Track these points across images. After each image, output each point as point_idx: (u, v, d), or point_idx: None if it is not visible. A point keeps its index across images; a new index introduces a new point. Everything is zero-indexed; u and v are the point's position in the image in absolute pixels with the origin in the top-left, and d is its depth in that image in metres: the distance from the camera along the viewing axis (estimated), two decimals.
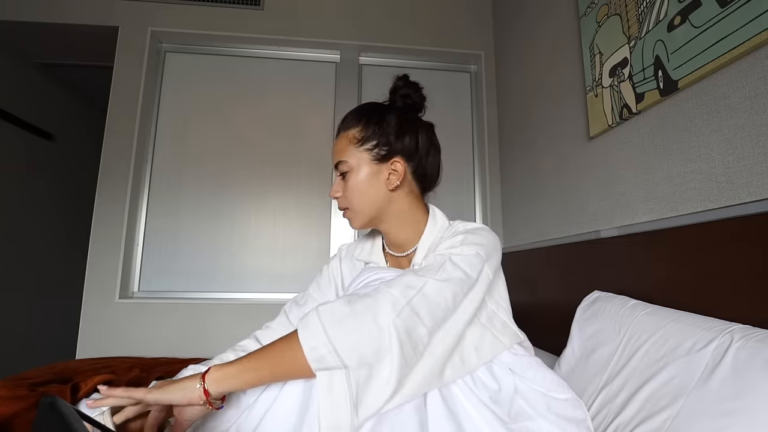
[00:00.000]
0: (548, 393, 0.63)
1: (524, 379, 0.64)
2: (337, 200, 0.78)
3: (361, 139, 0.74)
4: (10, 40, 2.01)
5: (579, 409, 0.64)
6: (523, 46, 1.77)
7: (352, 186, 0.74)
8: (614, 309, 0.87)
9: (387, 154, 0.74)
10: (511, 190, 1.88)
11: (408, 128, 0.77)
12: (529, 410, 0.60)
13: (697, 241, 0.81)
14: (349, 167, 0.74)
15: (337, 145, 0.77)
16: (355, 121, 0.76)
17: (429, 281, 0.59)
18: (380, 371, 0.52)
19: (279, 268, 1.88)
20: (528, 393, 0.62)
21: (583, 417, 0.64)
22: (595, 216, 1.21)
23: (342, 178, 0.76)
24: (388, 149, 0.74)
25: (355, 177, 0.74)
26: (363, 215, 0.76)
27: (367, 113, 0.77)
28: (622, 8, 1.08)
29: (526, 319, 1.51)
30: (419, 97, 0.80)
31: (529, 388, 0.63)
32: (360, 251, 0.85)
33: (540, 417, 0.59)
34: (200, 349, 1.70)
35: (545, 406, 0.61)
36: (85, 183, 2.68)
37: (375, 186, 0.74)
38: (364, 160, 0.74)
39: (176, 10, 1.92)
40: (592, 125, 1.20)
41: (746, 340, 0.57)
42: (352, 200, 0.75)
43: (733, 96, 0.78)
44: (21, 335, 2.27)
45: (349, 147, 0.75)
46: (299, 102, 2.01)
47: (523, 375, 0.64)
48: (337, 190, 0.77)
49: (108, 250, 1.73)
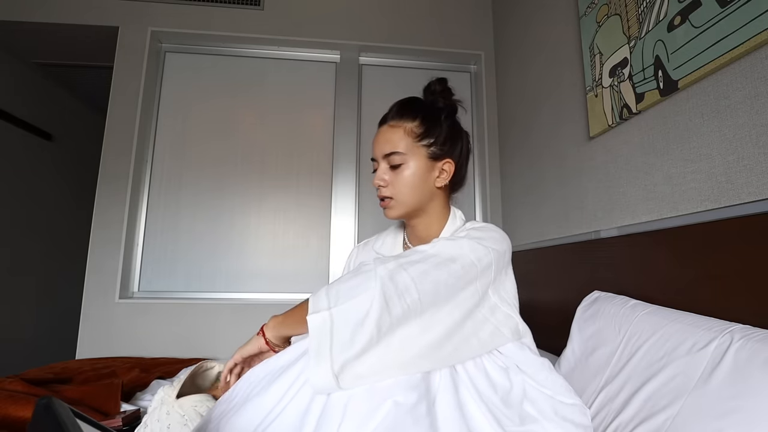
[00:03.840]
0: (555, 396, 0.64)
1: (534, 381, 0.64)
2: (380, 188, 0.78)
3: (420, 134, 0.75)
4: (10, 40, 2.01)
5: (585, 416, 0.65)
6: (523, 46, 1.77)
7: (404, 178, 0.75)
8: (614, 309, 0.87)
9: (442, 153, 0.77)
10: (511, 189, 1.88)
11: (459, 133, 0.80)
12: (535, 414, 0.60)
13: (697, 241, 0.81)
14: (404, 160, 0.75)
15: (387, 135, 0.77)
16: (411, 114, 0.76)
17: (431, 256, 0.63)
18: (360, 304, 0.55)
19: (279, 268, 1.88)
20: (536, 396, 0.62)
21: (588, 424, 0.65)
22: (595, 216, 1.21)
23: (391, 168, 0.76)
24: (443, 149, 0.77)
25: (409, 170, 0.75)
26: (406, 206, 0.77)
27: (423, 109, 0.78)
28: (622, 8, 1.08)
29: (526, 319, 1.51)
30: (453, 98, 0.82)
31: (538, 391, 0.63)
32: (381, 244, 0.88)
33: (546, 420, 0.60)
34: (200, 349, 1.70)
35: (552, 409, 0.62)
36: (85, 183, 2.68)
37: (425, 182, 0.76)
38: (420, 155, 0.76)
39: (176, 10, 1.92)
40: (592, 125, 1.20)
41: (746, 341, 0.57)
42: (399, 191, 0.76)
43: (733, 96, 0.78)
44: (21, 335, 2.27)
45: (406, 139, 0.75)
46: (299, 102, 2.01)
47: (534, 377, 0.64)
48: (384, 179, 0.77)
49: (108, 250, 1.73)
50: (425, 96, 0.82)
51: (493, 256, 0.67)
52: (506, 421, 0.57)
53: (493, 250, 0.67)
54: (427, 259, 0.62)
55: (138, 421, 0.89)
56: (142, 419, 0.72)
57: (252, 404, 0.57)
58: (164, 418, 0.69)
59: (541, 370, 0.66)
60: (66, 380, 1.14)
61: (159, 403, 0.72)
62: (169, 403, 0.71)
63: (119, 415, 0.89)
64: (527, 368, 0.65)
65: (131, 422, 0.88)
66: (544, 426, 0.59)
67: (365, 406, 0.51)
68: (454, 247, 0.65)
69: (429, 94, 0.82)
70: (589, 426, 0.64)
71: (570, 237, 1.31)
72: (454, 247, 0.65)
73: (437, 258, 0.63)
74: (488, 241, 0.68)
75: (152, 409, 0.71)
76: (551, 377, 0.66)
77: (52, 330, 2.51)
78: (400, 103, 0.79)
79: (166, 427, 0.68)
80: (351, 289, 0.57)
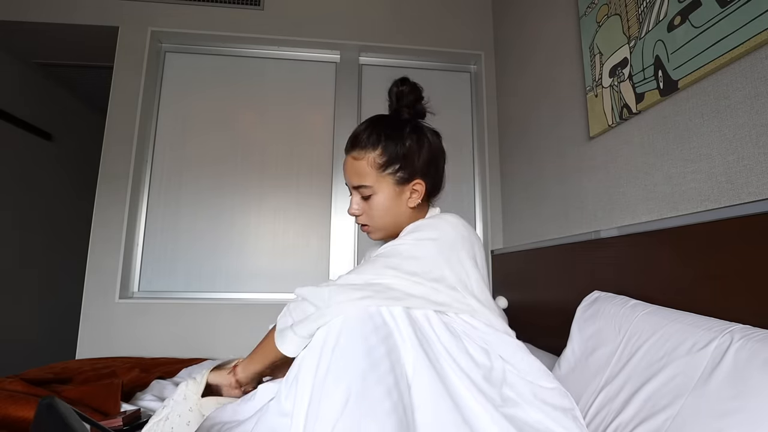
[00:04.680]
0: (535, 382, 0.64)
1: (512, 366, 0.64)
2: (357, 218, 0.81)
3: (383, 164, 0.75)
4: (10, 40, 2.01)
5: (566, 399, 0.65)
6: (523, 46, 1.77)
7: (375, 207, 0.77)
8: (614, 309, 0.87)
9: (409, 176, 0.77)
10: (511, 190, 1.88)
11: (423, 146, 0.78)
12: (515, 397, 0.60)
13: (697, 241, 0.81)
14: (372, 191, 0.76)
15: (354, 167, 0.77)
16: (372, 143, 0.76)
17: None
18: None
19: (279, 268, 1.88)
20: (514, 381, 0.62)
21: (571, 406, 0.64)
22: (595, 216, 1.21)
23: (362, 198, 0.78)
24: (409, 172, 0.76)
25: (378, 199, 0.77)
26: (384, 230, 0.80)
27: (384, 133, 0.76)
28: (622, 8, 1.08)
29: (527, 319, 1.51)
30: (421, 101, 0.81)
31: (516, 376, 0.63)
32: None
33: (527, 404, 0.60)
34: (200, 349, 1.70)
35: (531, 393, 0.62)
36: (85, 183, 2.68)
37: (397, 205, 0.78)
38: (386, 183, 0.76)
39: (176, 10, 1.92)
40: (592, 125, 1.20)
41: (746, 341, 0.57)
42: (374, 219, 0.79)
43: (733, 96, 0.78)
44: (21, 335, 2.27)
45: (370, 171, 0.75)
46: (299, 102, 2.01)
47: (511, 360, 0.64)
48: (358, 209, 0.79)
49: (108, 250, 1.73)
50: (390, 103, 0.81)
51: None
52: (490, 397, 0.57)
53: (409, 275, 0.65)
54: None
55: (138, 420, 0.89)
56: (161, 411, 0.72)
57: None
58: (186, 414, 0.70)
59: (516, 351, 0.66)
60: (66, 380, 1.14)
61: (182, 398, 0.72)
62: (192, 399, 0.72)
63: (119, 415, 0.89)
64: (504, 352, 0.65)
65: (131, 422, 0.88)
66: (524, 409, 0.59)
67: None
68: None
69: (394, 101, 0.80)
70: (570, 408, 0.64)
71: (570, 237, 1.31)
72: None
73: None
74: (406, 260, 0.67)
75: (175, 403, 0.71)
76: (527, 359, 0.66)
77: (52, 330, 2.51)
78: (357, 133, 0.78)
79: (185, 424, 0.69)
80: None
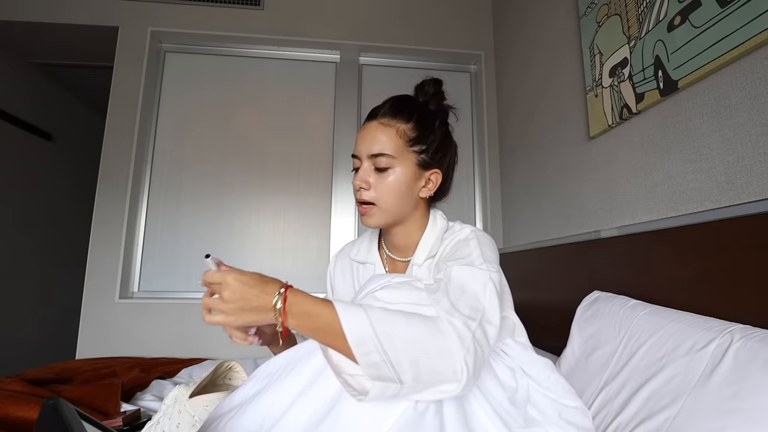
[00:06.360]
0: (559, 399, 0.63)
1: (537, 383, 0.63)
2: (361, 191, 0.70)
3: (413, 138, 0.69)
4: (10, 40, 2.01)
5: (587, 418, 0.65)
6: (523, 46, 1.77)
7: (389, 183, 0.68)
8: (614, 309, 0.87)
9: (431, 162, 0.71)
10: (511, 190, 1.88)
11: (449, 142, 0.75)
12: (538, 417, 0.59)
13: (696, 241, 0.81)
14: (391, 164, 0.68)
15: (376, 133, 0.69)
16: (406, 115, 0.69)
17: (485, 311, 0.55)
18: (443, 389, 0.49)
19: (279, 268, 1.88)
20: (539, 399, 0.62)
21: (590, 426, 0.64)
22: (595, 216, 1.21)
23: (376, 170, 0.69)
24: (434, 158, 0.71)
25: (395, 176, 0.68)
26: (388, 216, 0.70)
27: (419, 111, 0.71)
28: (622, 8, 1.08)
29: (526, 319, 1.51)
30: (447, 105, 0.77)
31: (541, 394, 0.62)
32: (357, 252, 0.84)
33: (549, 424, 0.59)
34: (200, 349, 1.70)
35: (556, 412, 0.61)
36: (85, 183, 2.68)
37: (410, 190, 0.70)
38: (409, 160, 0.69)
39: (176, 10, 1.92)
40: (592, 125, 1.20)
41: (746, 341, 0.57)
42: (383, 198, 0.68)
43: (733, 96, 0.78)
44: (21, 335, 2.27)
45: (398, 141, 0.68)
46: (299, 102, 2.01)
47: (537, 379, 0.64)
48: (367, 181, 0.69)
49: (108, 251, 1.73)
50: (417, 95, 0.76)
51: (495, 277, 0.61)
52: (511, 422, 0.57)
53: (492, 266, 0.62)
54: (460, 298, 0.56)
55: (138, 421, 0.89)
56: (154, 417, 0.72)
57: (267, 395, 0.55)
58: (176, 416, 0.70)
59: (543, 370, 0.65)
60: (66, 380, 1.14)
61: (173, 401, 0.72)
62: (181, 401, 0.71)
63: (119, 415, 0.89)
64: (530, 369, 0.64)
65: (131, 422, 0.88)
66: (547, 429, 0.58)
67: (380, 406, 0.50)
68: (474, 282, 0.58)
69: (422, 95, 0.75)
70: (591, 429, 0.64)
71: (570, 237, 1.31)
72: (474, 282, 0.58)
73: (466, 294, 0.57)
74: (479, 260, 0.62)
75: (166, 407, 0.71)
76: (553, 377, 0.65)
77: (52, 330, 2.51)
78: (395, 100, 0.71)
79: (175, 426, 0.68)
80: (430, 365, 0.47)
